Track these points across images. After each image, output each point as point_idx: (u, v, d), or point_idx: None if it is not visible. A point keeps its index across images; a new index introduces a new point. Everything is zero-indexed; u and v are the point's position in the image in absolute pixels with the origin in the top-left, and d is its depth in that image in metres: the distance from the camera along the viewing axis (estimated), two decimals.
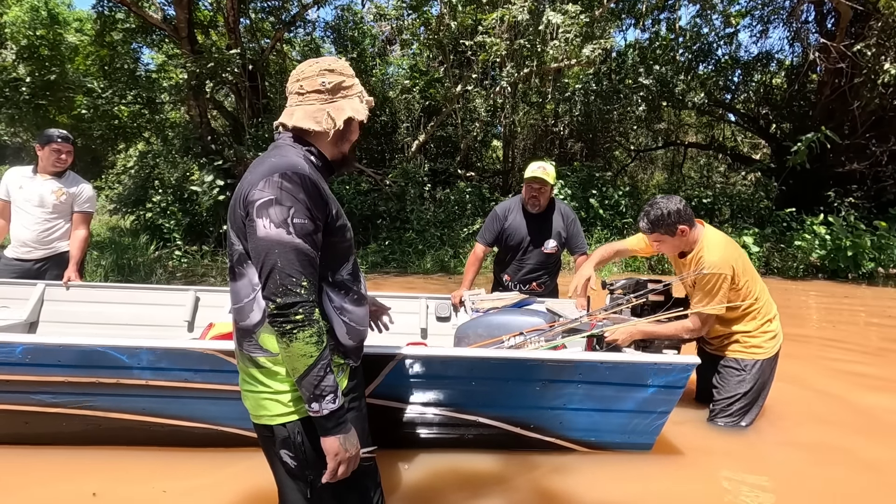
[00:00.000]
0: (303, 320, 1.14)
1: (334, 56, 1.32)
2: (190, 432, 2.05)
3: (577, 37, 8.41)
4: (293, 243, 1.15)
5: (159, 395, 1.97)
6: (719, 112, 13.10)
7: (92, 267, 6.80)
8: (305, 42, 12.47)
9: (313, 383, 1.15)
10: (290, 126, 1.33)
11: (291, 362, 1.15)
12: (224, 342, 1.97)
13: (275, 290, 1.13)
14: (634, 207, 10.09)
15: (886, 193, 9.69)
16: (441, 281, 7.74)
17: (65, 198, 3.17)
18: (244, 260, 1.24)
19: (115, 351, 1.90)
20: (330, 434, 1.18)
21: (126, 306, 3.10)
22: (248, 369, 1.27)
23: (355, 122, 1.38)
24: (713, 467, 2.21)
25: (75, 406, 1.99)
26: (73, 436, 2.06)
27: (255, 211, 1.16)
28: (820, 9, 10.75)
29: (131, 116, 10.67)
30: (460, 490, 1.96)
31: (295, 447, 1.25)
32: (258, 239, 1.16)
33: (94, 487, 1.88)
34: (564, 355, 2.02)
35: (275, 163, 1.21)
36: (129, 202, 9.82)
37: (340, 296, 1.32)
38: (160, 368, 1.93)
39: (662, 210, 2.37)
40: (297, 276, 1.14)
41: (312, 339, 1.15)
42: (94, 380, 1.93)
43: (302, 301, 1.14)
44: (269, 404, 1.25)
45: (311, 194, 1.20)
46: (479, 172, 12.53)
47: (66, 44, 11.39)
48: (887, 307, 6.16)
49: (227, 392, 1.94)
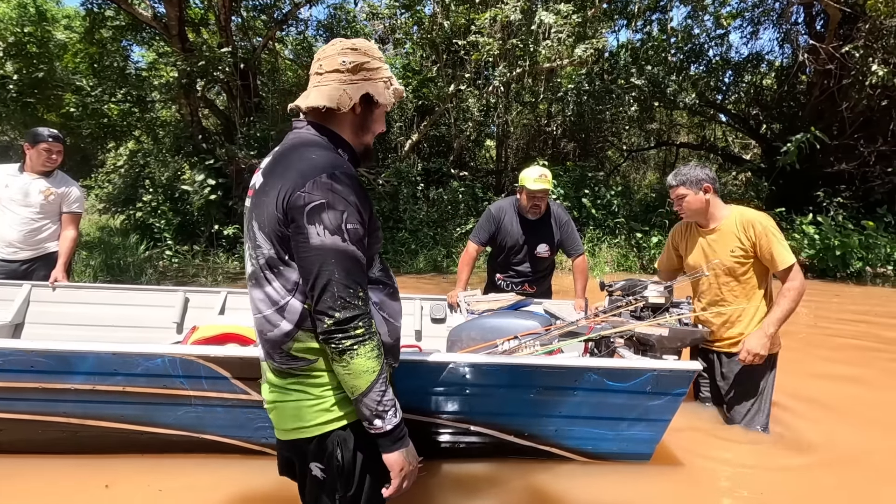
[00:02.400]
0: (363, 334, 1.05)
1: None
2: (168, 440, 2.00)
3: (570, 37, 8.43)
4: (349, 251, 1.06)
5: (137, 402, 1.91)
6: (710, 112, 13.19)
7: (81, 267, 6.72)
8: (298, 41, 12.41)
9: (377, 399, 1.07)
10: (305, 108, 1.21)
11: (352, 380, 1.06)
12: (203, 347, 1.92)
13: (332, 304, 1.03)
14: (626, 207, 10.14)
15: (874, 193, 9.80)
16: (434, 280, 7.73)
17: (53, 198, 3.13)
18: (275, 264, 1.12)
19: (89, 356, 1.84)
20: (393, 449, 1.11)
21: (114, 307, 3.07)
22: (279, 379, 1.17)
23: (379, 111, 1.26)
24: (713, 477, 2.16)
25: (50, 413, 1.93)
26: (48, 443, 2.01)
27: (306, 217, 1.04)
28: (809, 11, 10.85)
29: (121, 115, 10.54)
30: (453, 499, 1.93)
31: (329, 458, 1.15)
32: (311, 248, 1.04)
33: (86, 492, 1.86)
34: (560, 361, 1.97)
35: (316, 161, 1.10)
36: (118, 201, 9.73)
37: (378, 291, 1.23)
38: (137, 374, 1.86)
39: (690, 168, 2.49)
40: (355, 286, 1.06)
41: (374, 352, 1.07)
42: (68, 386, 1.87)
43: (361, 314, 1.06)
44: (308, 414, 1.14)
45: (360, 195, 1.10)
46: (472, 172, 12.52)
47: (55, 41, 11.23)
48: (874, 306, 6.24)
49: (208, 399, 1.90)
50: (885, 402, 3.07)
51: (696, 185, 2.44)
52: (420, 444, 2.04)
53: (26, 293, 2.99)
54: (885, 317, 5.62)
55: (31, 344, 1.86)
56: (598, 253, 9.16)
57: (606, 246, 9.26)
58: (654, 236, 9.18)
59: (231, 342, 2.19)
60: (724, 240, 2.44)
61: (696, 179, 2.44)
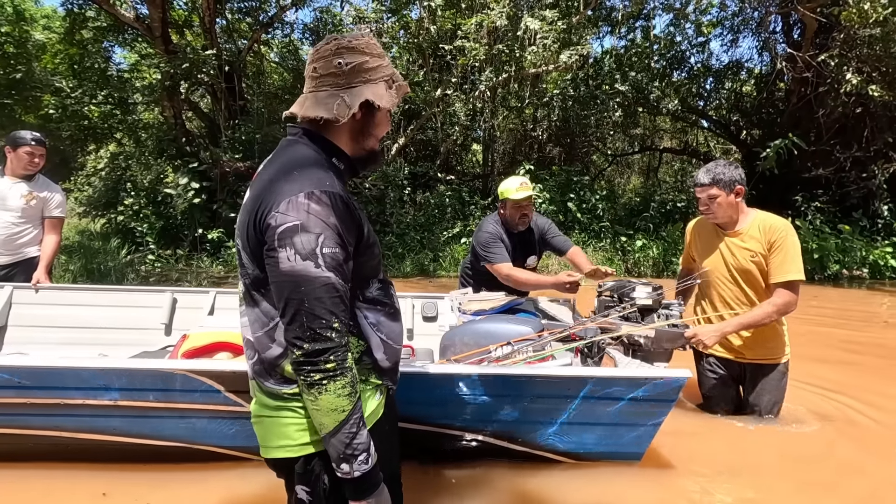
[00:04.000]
0: (334, 369, 0.97)
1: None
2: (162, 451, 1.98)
3: (555, 43, 8.54)
4: (322, 278, 0.97)
5: (128, 416, 1.90)
6: (692, 118, 13.44)
7: (60, 272, 6.59)
8: (284, 44, 12.34)
9: (344, 441, 0.99)
10: (300, 116, 1.13)
11: (320, 416, 0.99)
12: (194, 361, 1.91)
13: (301, 335, 0.97)
14: (611, 211, 10.28)
15: (850, 198, 10.06)
16: (421, 284, 7.73)
17: (34, 202, 3.07)
18: (261, 285, 1.06)
19: (81, 372, 1.81)
20: (361, 498, 1.03)
21: (99, 309, 3.00)
22: (271, 400, 1.10)
23: (381, 112, 1.16)
24: (702, 479, 2.18)
25: (41, 427, 1.90)
26: (38, 456, 1.97)
27: (277, 239, 0.97)
28: (787, 20, 11.15)
29: (102, 117, 10.37)
30: (446, 502, 1.94)
31: (314, 482, 1.08)
32: (280, 274, 0.97)
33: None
34: (554, 371, 1.98)
35: (296, 177, 1.02)
36: (99, 205, 9.56)
37: (375, 311, 1.16)
38: (129, 389, 1.85)
39: (722, 167, 2.36)
40: (328, 317, 0.97)
41: (345, 390, 0.99)
42: (58, 401, 1.84)
43: (333, 347, 0.98)
44: (294, 432, 1.07)
45: (343, 217, 1.01)
46: (459, 176, 12.57)
47: (34, 41, 11.02)
48: (849, 309, 6.40)
49: (203, 412, 1.89)
50: (873, 402, 3.09)
51: (729, 186, 2.31)
52: (413, 451, 2.04)
53: (7, 295, 2.92)
54: (860, 319, 5.77)
55: (18, 361, 1.83)
56: None
57: (592, 249, 9.36)
58: (639, 240, 9.31)
59: (223, 351, 2.17)
60: (745, 244, 2.36)
61: (730, 180, 2.30)
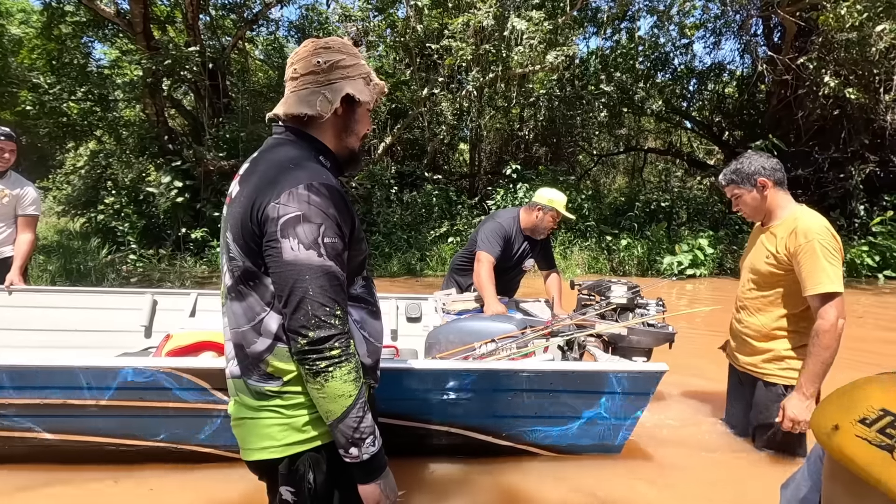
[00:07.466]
0: (339, 355, 0.99)
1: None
2: (149, 451, 1.96)
3: (541, 43, 8.58)
4: (325, 266, 1.00)
5: (111, 416, 1.87)
6: (676, 119, 13.64)
7: (37, 272, 6.44)
8: (269, 41, 12.21)
9: (352, 426, 1.00)
10: (283, 115, 1.15)
11: (327, 404, 1.00)
12: (180, 359, 1.89)
13: (306, 323, 0.98)
14: (597, 211, 10.36)
15: (828, 198, 10.28)
16: (408, 284, 7.72)
17: (7, 200, 2.99)
18: (251, 278, 1.06)
19: (62, 371, 1.78)
20: (369, 481, 1.04)
21: (77, 311, 2.94)
22: (253, 400, 1.08)
23: (361, 110, 1.19)
24: (681, 469, 2.24)
25: (17, 429, 1.87)
26: (20, 458, 1.93)
27: (280, 230, 0.99)
28: (768, 23, 11.36)
29: (81, 114, 10.15)
30: (428, 497, 1.95)
31: (299, 481, 1.07)
32: (284, 263, 0.99)
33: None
34: (535, 366, 2.04)
35: (293, 170, 1.05)
36: (78, 204, 9.37)
37: (359, 309, 1.17)
38: (112, 388, 1.82)
39: (745, 160, 2.17)
40: (331, 304, 0.99)
41: (350, 375, 1.00)
42: (38, 401, 1.81)
43: (337, 334, 0.99)
44: (277, 433, 1.06)
45: (340, 208, 1.04)
46: (445, 175, 12.56)
47: (10, 36, 10.74)
48: None
49: (189, 410, 1.86)
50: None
51: (747, 180, 2.16)
52: (398, 447, 2.07)
53: None
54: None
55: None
56: (569, 255, 9.32)
57: (577, 249, 9.43)
58: (623, 239, 9.40)
59: (207, 350, 2.14)
60: (767, 242, 2.17)
61: (746, 175, 2.15)
